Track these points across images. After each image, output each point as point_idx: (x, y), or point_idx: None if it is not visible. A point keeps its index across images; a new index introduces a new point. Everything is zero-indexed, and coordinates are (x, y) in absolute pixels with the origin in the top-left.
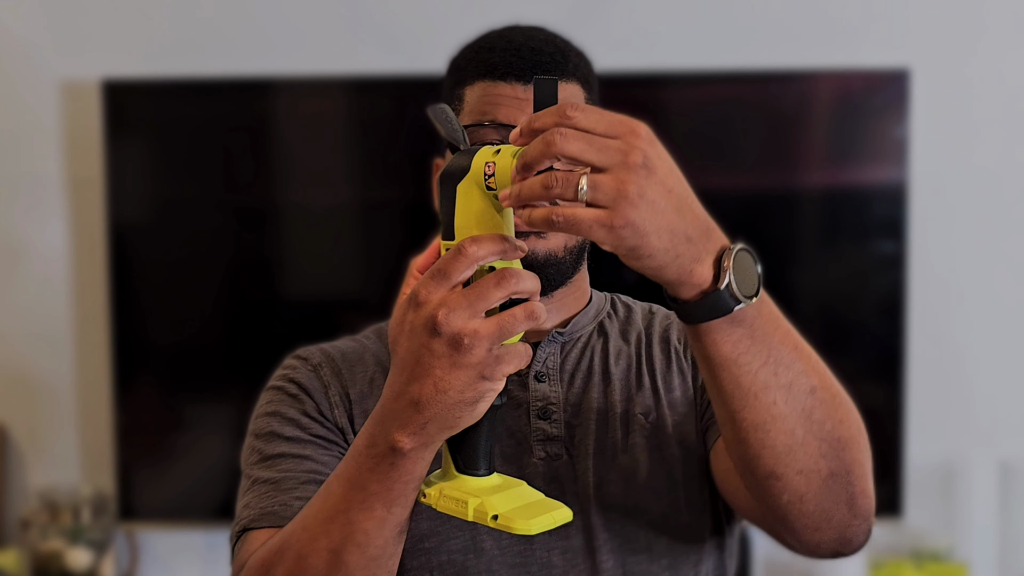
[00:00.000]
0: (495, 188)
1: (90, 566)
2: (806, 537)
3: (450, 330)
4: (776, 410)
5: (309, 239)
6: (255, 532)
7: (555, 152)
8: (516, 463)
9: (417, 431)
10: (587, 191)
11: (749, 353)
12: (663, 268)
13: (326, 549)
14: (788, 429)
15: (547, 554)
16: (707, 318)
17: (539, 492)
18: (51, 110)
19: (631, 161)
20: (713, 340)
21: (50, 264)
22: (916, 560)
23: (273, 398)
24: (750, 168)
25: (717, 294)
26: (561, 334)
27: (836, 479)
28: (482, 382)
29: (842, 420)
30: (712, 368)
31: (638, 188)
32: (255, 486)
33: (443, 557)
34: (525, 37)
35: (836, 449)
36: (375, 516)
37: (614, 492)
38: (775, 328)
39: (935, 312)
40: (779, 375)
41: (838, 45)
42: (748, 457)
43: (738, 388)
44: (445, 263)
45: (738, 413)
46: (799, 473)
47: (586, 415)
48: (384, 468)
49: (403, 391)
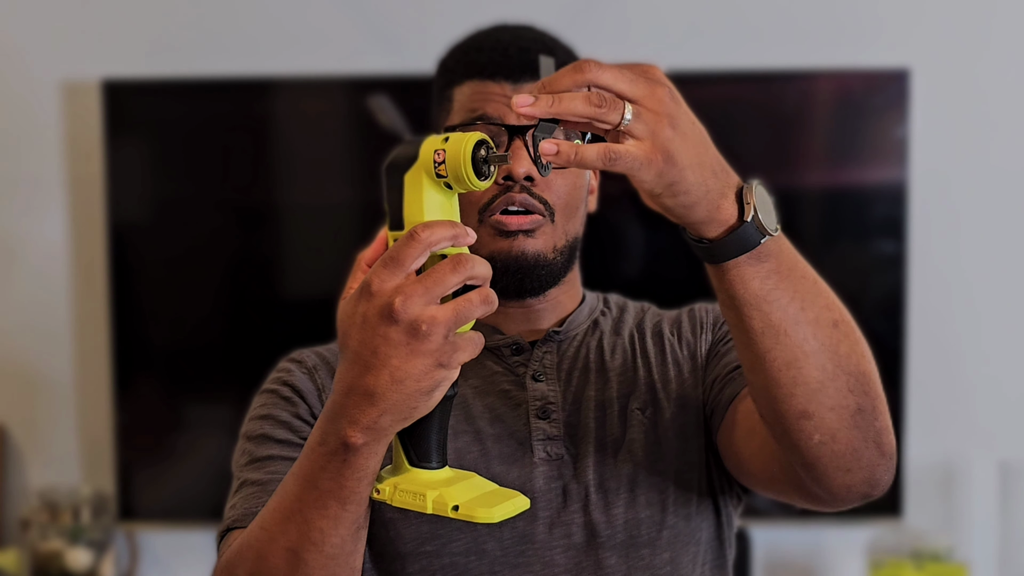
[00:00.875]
0: (446, 175)
1: (90, 566)
2: (838, 480)
3: (407, 317)
4: (808, 345)
5: (309, 239)
6: (236, 532)
7: (588, 79)
8: (517, 464)
9: (370, 425)
10: (631, 119)
11: (778, 289)
12: (695, 205)
13: (284, 548)
14: (819, 364)
15: (550, 553)
16: (736, 254)
17: (492, 483)
18: (51, 110)
19: (659, 93)
20: (743, 278)
21: (50, 264)
22: (916, 560)
23: (266, 401)
24: (750, 168)
25: (744, 228)
26: (557, 333)
27: (863, 415)
28: (439, 370)
29: (863, 354)
30: (741, 308)
31: (671, 119)
32: (243, 488)
33: (445, 560)
34: (513, 36)
35: (862, 383)
36: (329, 514)
37: (615, 488)
38: (796, 262)
39: (935, 312)
40: (806, 310)
41: (838, 45)
42: (780, 398)
43: (769, 326)
44: (397, 250)
45: (770, 352)
46: (831, 410)
47: (584, 413)
48: (336, 465)
49: (355, 384)
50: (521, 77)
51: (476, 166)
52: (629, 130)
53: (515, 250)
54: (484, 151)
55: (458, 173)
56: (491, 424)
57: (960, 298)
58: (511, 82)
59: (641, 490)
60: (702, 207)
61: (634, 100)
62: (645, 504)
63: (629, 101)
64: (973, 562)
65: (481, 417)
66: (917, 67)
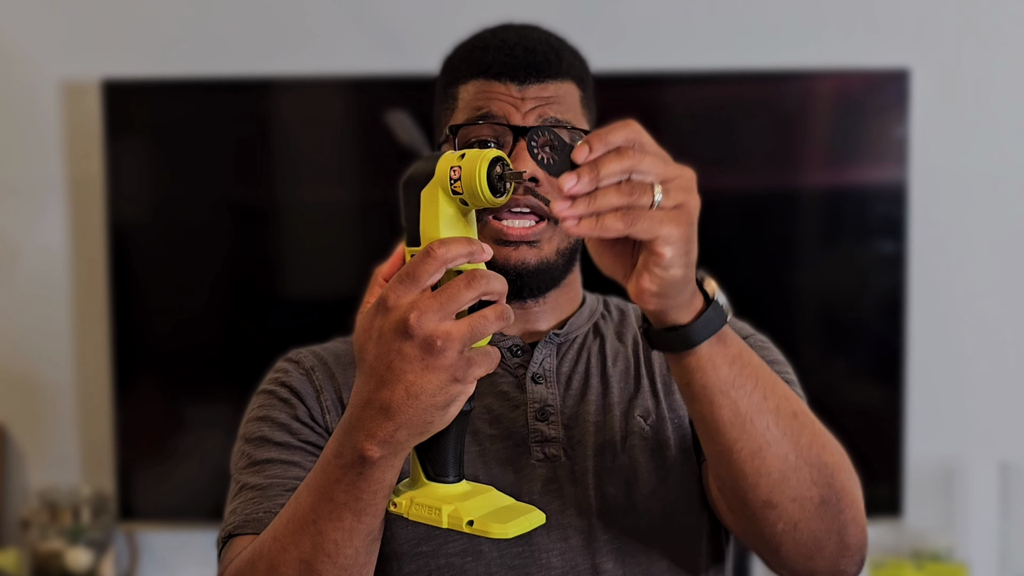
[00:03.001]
0: (461, 192)
1: (90, 566)
2: (800, 565)
3: (422, 332)
4: (770, 435)
5: (309, 239)
6: (239, 538)
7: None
8: (514, 464)
9: (387, 439)
10: (661, 198)
11: (742, 375)
12: (687, 283)
13: (296, 559)
14: (782, 454)
15: (546, 556)
16: (707, 335)
17: (509, 497)
18: (51, 110)
19: (686, 177)
20: (714, 363)
21: (50, 264)
22: (916, 560)
23: (264, 402)
24: (750, 168)
25: (711, 309)
26: (558, 335)
27: (828, 506)
28: (454, 384)
29: (825, 446)
30: (712, 397)
31: (691, 204)
32: (242, 492)
33: (441, 560)
34: (518, 36)
35: (825, 475)
36: (344, 526)
37: (613, 493)
38: (750, 351)
39: (935, 312)
40: (768, 398)
41: (838, 45)
42: (745, 488)
43: (736, 415)
44: (413, 266)
45: (736, 443)
46: (793, 500)
47: (584, 417)
48: (351, 478)
49: (372, 398)
50: (526, 78)
51: (491, 183)
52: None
53: (515, 260)
54: (500, 168)
55: (473, 190)
56: (490, 425)
57: (960, 298)
58: (516, 82)
59: (639, 495)
60: (688, 286)
61: (665, 180)
62: (643, 509)
63: (661, 183)
64: (973, 562)
65: (480, 418)
66: (917, 67)
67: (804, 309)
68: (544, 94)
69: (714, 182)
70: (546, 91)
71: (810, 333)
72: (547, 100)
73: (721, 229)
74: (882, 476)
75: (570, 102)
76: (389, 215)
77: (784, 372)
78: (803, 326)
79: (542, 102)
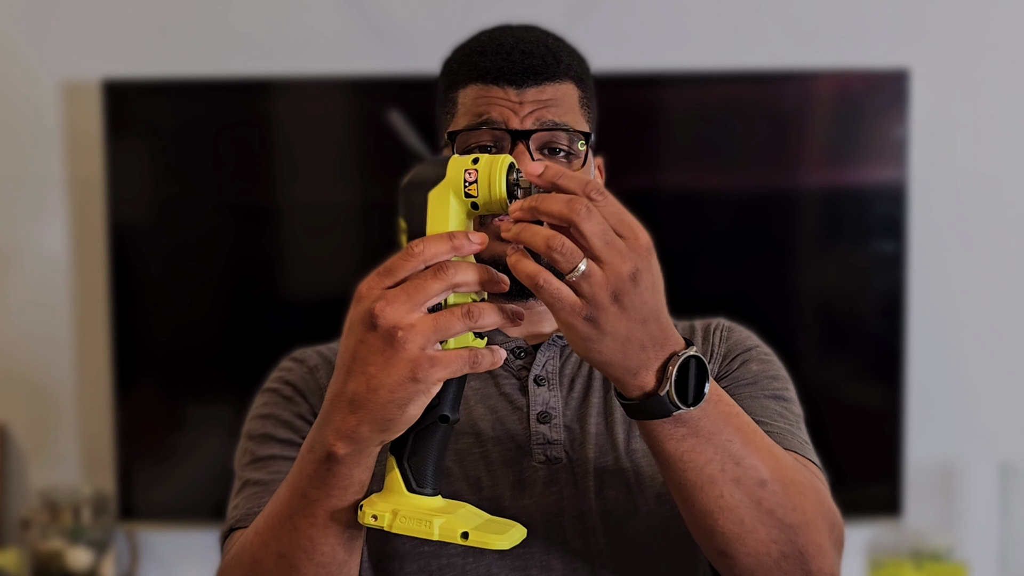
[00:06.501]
0: (475, 195)
1: (90, 566)
2: None
3: (386, 323)
4: (723, 502)
5: (309, 239)
6: (239, 532)
7: (575, 221)
8: (516, 467)
9: (350, 433)
10: (578, 277)
11: (693, 451)
12: (608, 367)
13: (276, 554)
14: (736, 519)
15: (547, 557)
16: (647, 418)
17: (485, 512)
18: (51, 110)
19: (623, 270)
20: (659, 438)
21: (50, 264)
22: (916, 560)
23: (268, 400)
24: (750, 168)
25: (658, 398)
26: (561, 337)
27: (788, 560)
28: (412, 383)
29: (795, 507)
30: (658, 461)
31: (617, 295)
32: (245, 487)
33: (443, 561)
34: (516, 39)
35: (788, 534)
36: (318, 522)
37: (614, 496)
38: (724, 426)
39: (935, 312)
40: (726, 471)
41: (838, 45)
42: (699, 536)
43: (684, 482)
44: (392, 261)
45: (687, 501)
46: (748, 555)
47: (586, 420)
48: (321, 474)
49: (341, 390)
50: (524, 81)
51: (508, 188)
52: (575, 284)
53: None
54: (515, 175)
55: (491, 194)
56: (492, 427)
57: (960, 298)
58: (514, 86)
59: (641, 498)
60: (617, 372)
61: (597, 260)
62: (644, 513)
63: (592, 259)
64: (973, 562)
65: (482, 419)
66: (917, 67)
67: (804, 309)
68: (542, 97)
69: (714, 182)
70: (544, 94)
71: (810, 333)
72: (545, 103)
73: (721, 229)
74: (882, 476)
75: (569, 103)
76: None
77: (781, 390)
78: (803, 326)
79: (540, 105)
